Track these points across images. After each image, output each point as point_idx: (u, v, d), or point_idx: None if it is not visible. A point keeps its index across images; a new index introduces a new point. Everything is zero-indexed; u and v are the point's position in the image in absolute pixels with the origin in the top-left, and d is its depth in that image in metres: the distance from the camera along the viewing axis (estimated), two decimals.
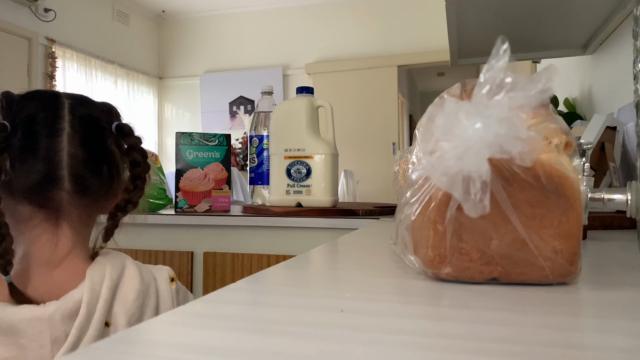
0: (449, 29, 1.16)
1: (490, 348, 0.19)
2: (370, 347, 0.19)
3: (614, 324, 0.23)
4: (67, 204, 0.55)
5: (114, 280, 0.55)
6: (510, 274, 0.31)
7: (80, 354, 0.18)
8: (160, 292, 0.59)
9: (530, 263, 0.31)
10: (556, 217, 0.31)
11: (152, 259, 1.05)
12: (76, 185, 0.54)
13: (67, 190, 0.54)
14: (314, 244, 0.96)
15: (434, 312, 0.25)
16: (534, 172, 0.29)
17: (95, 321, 0.51)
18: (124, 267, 0.57)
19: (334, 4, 4.67)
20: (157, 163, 1.26)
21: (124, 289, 0.55)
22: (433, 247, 0.32)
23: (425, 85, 7.43)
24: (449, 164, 0.29)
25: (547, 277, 0.31)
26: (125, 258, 0.59)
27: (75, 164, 0.54)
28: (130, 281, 0.56)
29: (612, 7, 1.05)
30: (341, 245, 0.51)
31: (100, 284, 0.54)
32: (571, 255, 0.31)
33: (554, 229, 0.31)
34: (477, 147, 0.28)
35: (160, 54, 5.29)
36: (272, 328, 0.22)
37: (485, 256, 0.31)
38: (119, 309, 0.54)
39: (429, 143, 0.32)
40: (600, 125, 0.69)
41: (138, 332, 0.21)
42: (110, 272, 0.55)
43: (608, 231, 0.65)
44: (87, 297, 0.52)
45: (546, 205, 0.30)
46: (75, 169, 0.54)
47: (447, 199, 0.31)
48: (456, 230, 0.31)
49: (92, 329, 0.51)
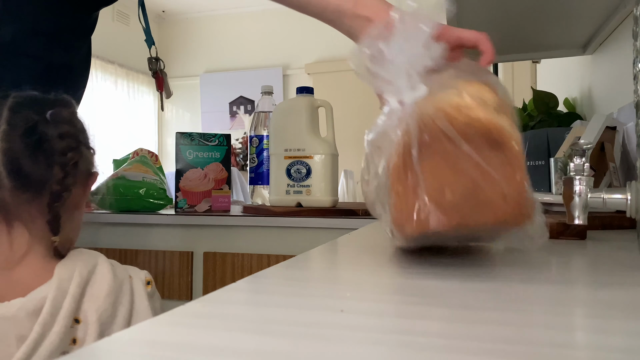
0: None
1: (490, 348, 0.19)
2: (370, 347, 0.19)
3: (614, 324, 0.23)
4: (12, 202, 0.54)
5: (83, 277, 0.54)
6: (468, 222, 0.34)
7: (80, 354, 0.18)
8: (135, 290, 0.58)
9: (485, 210, 0.34)
10: (501, 168, 0.34)
11: (152, 259, 1.05)
12: (15, 180, 0.53)
13: (8, 188, 0.53)
14: (314, 244, 0.96)
15: (434, 312, 0.25)
16: (476, 129, 0.34)
17: (61, 318, 0.50)
18: (95, 264, 0.56)
19: None
20: (157, 163, 1.26)
21: (95, 286, 0.54)
22: (396, 207, 0.36)
23: None
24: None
25: (505, 223, 0.34)
26: (98, 256, 0.58)
27: (10, 159, 0.53)
28: (102, 278, 0.55)
29: (612, 7, 1.05)
30: (341, 245, 0.51)
31: (69, 280, 0.53)
32: (521, 200, 0.34)
33: (501, 178, 0.34)
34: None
35: (161, 54, 5.27)
36: (272, 328, 0.22)
37: (443, 207, 0.34)
38: (89, 305, 0.53)
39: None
40: (600, 125, 0.69)
41: (138, 332, 0.21)
42: (81, 269, 0.54)
43: (608, 231, 0.65)
44: (52, 293, 0.51)
45: (490, 158, 0.34)
46: (10, 165, 0.53)
47: (401, 160, 0.35)
48: (413, 188, 0.35)
49: (58, 326, 0.50)
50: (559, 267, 0.39)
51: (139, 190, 1.12)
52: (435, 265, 0.39)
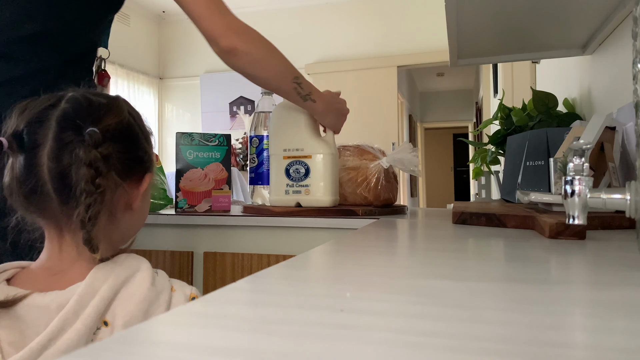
0: (449, 29, 1.16)
1: (490, 348, 0.19)
2: (370, 347, 0.19)
3: (614, 324, 0.23)
4: (62, 214, 0.55)
5: (119, 280, 0.54)
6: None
7: (80, 354, 0.18)
8: (174, 302, 0.57)
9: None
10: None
11: (153, 259, 1.05)
12: (60, 196, 0.54)
13: (57, 202, 0.54)
14: (314, 244, 0.96)
15: (434, 312, 0.25)
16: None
17: (86, 316, 0.50)
18: (137, 270, 0.56)
19: (334, 4, 4.67)
20: (158, 163, 1.26)
21: (130, 290, 0.54)
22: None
23: (425, 86, 7.43)
24: None
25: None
26: (143, 262, 0.58)
27: (56, 176, 0.54)
28: (139, 284, 0.55)
29: (612, 7, 1.05)
30: (341, 245, 0.51)
31: (103, 280, 0.53)
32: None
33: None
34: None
35: (161, 54, 5.28)
36: (273, 328, 0.22)
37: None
38: (120, 310, 0.53)
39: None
40: (600, 125, 0.69)
41: (138, 332, 0.21)
42: (119, 272, 0.54)
43: (607, 231, 0.65)
44: (82, 290, 0.51)
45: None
46: (57, 182, 0.54)
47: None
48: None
49: (80, 323, 0.50)
50: (558, 267, 0.39)
51: None
52: (435, 265, 0.39)
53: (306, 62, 4.70)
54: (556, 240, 0.55)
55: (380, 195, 1.09)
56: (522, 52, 1.38)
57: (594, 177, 0.85)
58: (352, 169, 1.11)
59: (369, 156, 1.12)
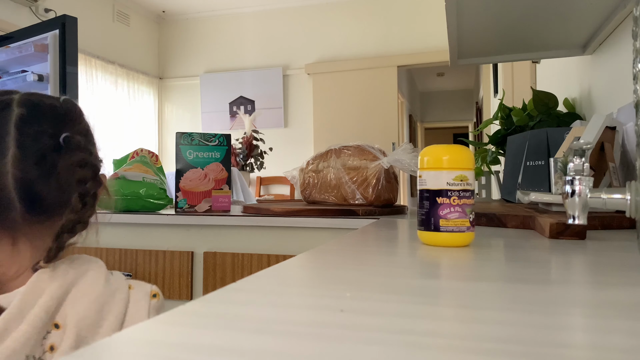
0: (449, 29, 1.16)
1: (490, 348, 0.19)
2: (370, 347, 0.19)
3: (614, 324, 0.23)
4: (22, 223, 0.53)
5: (69, 279, 0.51)
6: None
7: (80, 354, 0.18)
8: (132, 301, 0.55)
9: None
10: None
11: (152, 259, 1.05)
12: (26, 205, 0.52)
13: (19, 211, 0.52)
14: (314, 244, 0.96)
15: (434, 312, 0.25)
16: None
17: (33, 316, 0.48)
18: (87, 270, 0.54)
19: (334, 4, 4.67)
20: (158, 163, 1.26)
21: (81, 289, 0.52)
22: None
23: (425, 86, 7.43)
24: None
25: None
26: (94, 262, 0.56)
27: (22, 185, 0.51)
28: (91, 283, 0.52)
29: (612, 7, 1.05)
30: (341, 245, 0.51)
31: (50, 280, 0.51)
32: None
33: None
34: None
35: (161, 54, 5.28)
36: (272, 328, 0.22)
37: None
38: (71, 309, 0.50)
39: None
40: (600, 125, 0.68)
41: (138, 332, 0.21)
42: (68, 271, 0.52)
43: (607, 231, 0.65)
44: (25, 289, 0.49)
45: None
46: (23, 192, 0.51)
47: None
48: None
49: (26, 324, 0.48)
50: (558, 267, 0.39)
51: (139, 190, 1.12)
52: (435, 265, 0.39)
53: (306, 62, 4.70)
54: (556, 240, 0.55)
55: (381, 196, 1.09)
56: (522, 52, 1.38)
57: (594, 177, 0.85)
58: (352, 169, 1.11)
59: (370, 156, 1.12)
